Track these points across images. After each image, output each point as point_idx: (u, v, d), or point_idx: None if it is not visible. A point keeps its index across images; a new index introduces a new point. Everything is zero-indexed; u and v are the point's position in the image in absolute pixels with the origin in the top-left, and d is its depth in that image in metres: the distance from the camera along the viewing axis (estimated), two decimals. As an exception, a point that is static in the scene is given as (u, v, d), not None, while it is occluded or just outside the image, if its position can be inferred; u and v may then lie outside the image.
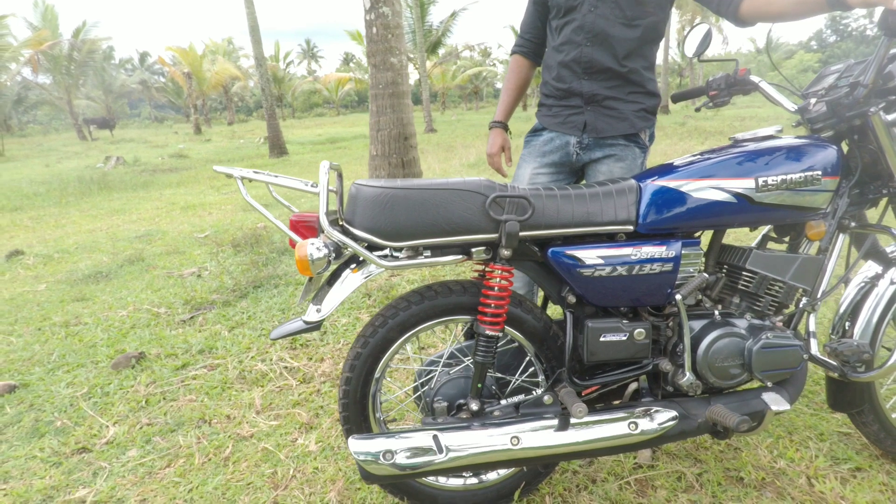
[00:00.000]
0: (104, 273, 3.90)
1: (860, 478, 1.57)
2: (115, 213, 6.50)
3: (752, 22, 1.50)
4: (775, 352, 1.31)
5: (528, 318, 1.39)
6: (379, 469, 1.23)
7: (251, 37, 11.97)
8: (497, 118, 1.93)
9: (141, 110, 62.32)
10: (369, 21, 3.53)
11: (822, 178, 1.30)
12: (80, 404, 2.14)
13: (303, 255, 1.14)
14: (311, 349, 2.52)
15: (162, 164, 12.15)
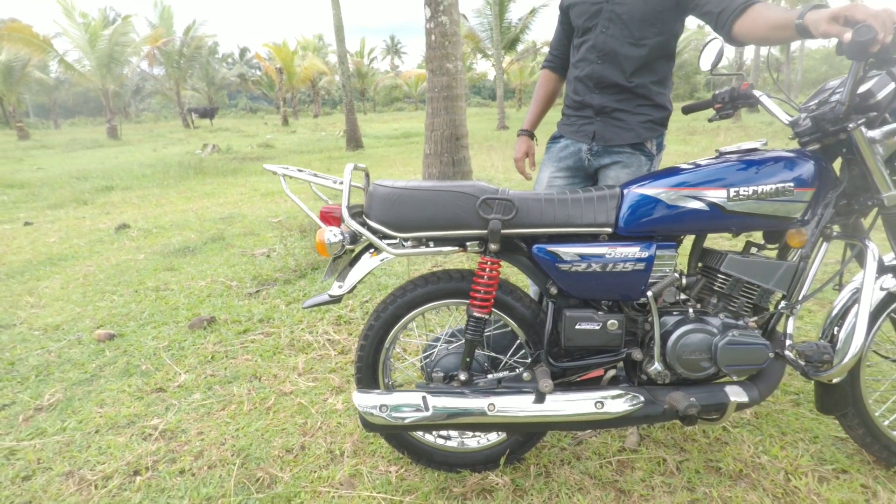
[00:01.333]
0: (191, 248, 4.46)
1: (842, 479, 1.63)
2: (206, 196, 7.25)
3: (744, 43, 1.58)
4: (740, 349, 1.42)
5: (517, 306, 1.58)
6: (375, 419, 1.48)
7: (336, 36, 12.67)
8: (524, 126, 2.16)
9: (238, 101, 66.86)
10: (429, 29, 3.79)
11: (795, 190, 1.39)
12: (161, 354, 2.57)
13: (321, 239, 1.42)
14: (352, 326, 2.83)
15: (250, 153, 13.17)
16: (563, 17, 1.97)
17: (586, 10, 1.81)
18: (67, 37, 19.50)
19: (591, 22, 1.81)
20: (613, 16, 1.75)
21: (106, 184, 8.35)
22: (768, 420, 1.92)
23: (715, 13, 1.59)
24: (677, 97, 37.63)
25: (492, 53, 20.69)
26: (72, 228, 5.48)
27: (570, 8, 1.89)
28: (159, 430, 1.99)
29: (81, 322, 3.01)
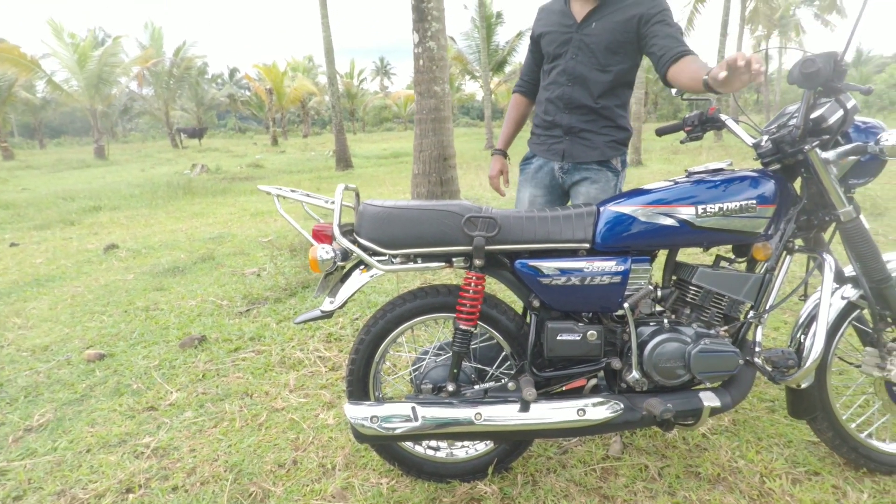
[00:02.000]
0: (180, 268, 4.48)
1: (813, 480, 1.70)
2: (195, 216, 7.28)
3: (674, 87, 1.76)
4: (711, 356, 1.50)
5: (502, 319, 1.65)
6: (366, 430, 1.53)
7: (326, 57, 12.86)
8: (498, 146, 2.26)
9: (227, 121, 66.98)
10: (417, 54, 3.92)
11: (757, 207, 1.49)
12: (152, 373, 2.60)
13: (314, 256, 1.48)
14: (343, 342, 2.88)
15: (240, 173, 13.22)
16: (534, 46, 2.12)
17: (557, 39, 1.97)
18: (56, 57, 19.54)
19: (561, 49, 1.96)
20: (582, 45, 1.91)
21: (93, 204, 8.34)
22: (745, 426, 2.00)
23: (657, 56, 1.78)
24: (662, 117, 38.40)
25: (480, 75, 21.06)
26: (59, 249, 5.47)
27: (541, 37, 2.04)
28: (151, 448, 2.01)
29: (70, 343, 3.02)
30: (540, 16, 2.09)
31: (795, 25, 24.39)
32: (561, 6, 1.99)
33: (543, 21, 2.05)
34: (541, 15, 2.09)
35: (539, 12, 2.11)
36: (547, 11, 2.06)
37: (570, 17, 1.94)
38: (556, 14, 2.00)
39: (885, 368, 1.65)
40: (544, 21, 2.05)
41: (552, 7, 2.05)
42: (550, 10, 2.05)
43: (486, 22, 19.95)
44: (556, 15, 2.00)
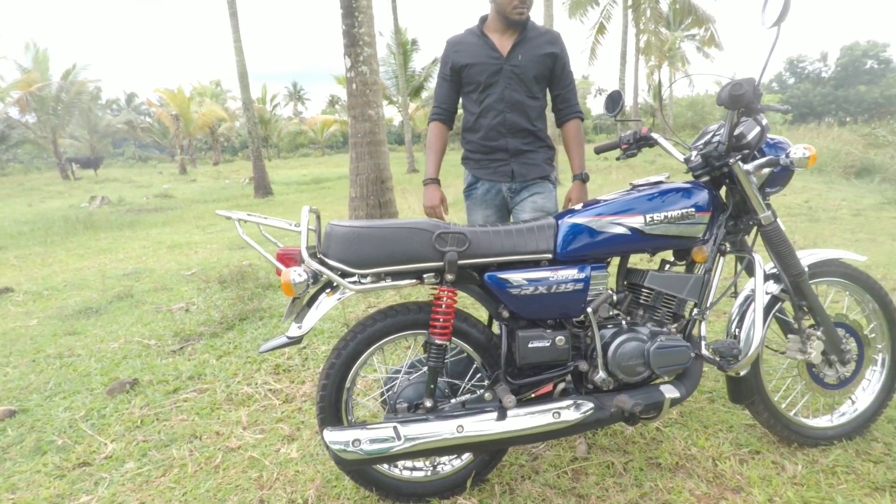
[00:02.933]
0: (94, 309, 4.11)
1: (757, 458, 1.88)
2: (103, 252, 6.70)
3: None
4: (668, 351, 1.63)
5: (473, 332, 1.69)
6: (349, 455, 1.49)
7: (240, 83, 12.49)
8: (430, 175, 2.28)
9: (125, 150, 62.54)
10: (350, 78, 3.94)
11: (696, 214, 1.65)
12: (79, 425, 2.35)
13: (287, 279, 1.45)
14: (293, 373, 2.77)
15: (147, 204, 12.37)
16: (453, 75, 2.19)
17: (487, 69, 2.11)
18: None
19: (493, 78, 2.11)
20: (513, 75, 2.09)
21: (-26, 245, 7.44)
22: (692, 417, 2.16)
23: (559, 105, 2.22)
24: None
25: (397, 100, 21.32)
26: (-60, 297, 4.81)
27: (466, 67, 2.13)
28: (92, 506, 1.82)
29: (-29, 400, 2.66)
30: (457, 48, 2.17)
31: (682, 57, 27.08)
32: (478, 38, 2.13)
33: (465, 53, 2.14)
34: (458, 47, 2.17)
35: (454, 45, 2.18)
36: (465, 44, 2.16)
37: (495, 50, 2.10)
38: (477, 46, 2.13)
39: (806, 352, 1.86)
40: (466, 53, 2.14)
41: (468, 40, 2.16)
42: (468, 42, 2.16)
43: (402, 48, 20.32)
44: (477, 47, 2.13)
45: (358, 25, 3.96)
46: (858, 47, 46.19)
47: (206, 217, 9.89)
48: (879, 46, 45.96)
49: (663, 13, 20.95)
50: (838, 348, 1.91)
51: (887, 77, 44.40)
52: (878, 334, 2.04)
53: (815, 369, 1.95)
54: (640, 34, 19.98)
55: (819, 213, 6.70)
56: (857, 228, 5.76)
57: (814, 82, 47.56)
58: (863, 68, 45.96)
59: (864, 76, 45.43)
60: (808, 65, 49.84)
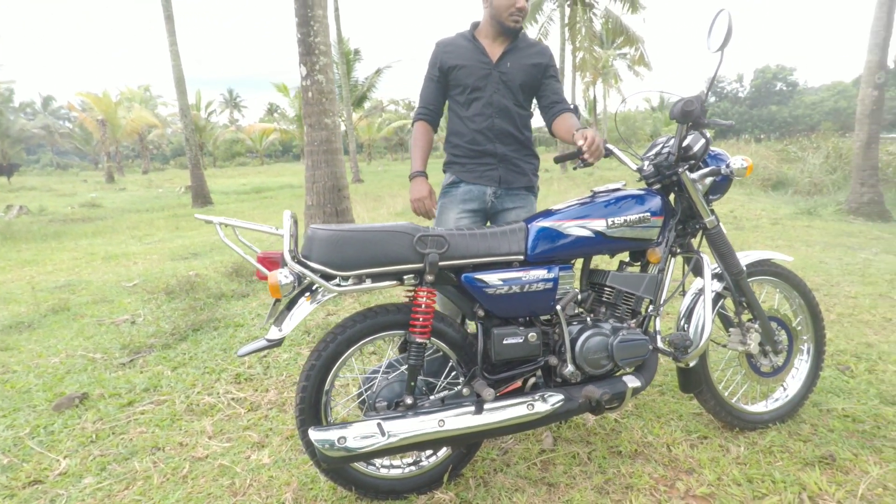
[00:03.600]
0: (26, 323, 3.84)
1: (705, 443, 2.05)
2: (27, 263, 6.24)
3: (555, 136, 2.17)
4: (629, 345, 1.77)
5: (449, 331, 1.76)
6: (335, 452, 1.52)
7: (176, 88, 12.03)
8: (417, 168, 2.21)
9: (40, 156, 58.29)
10: (305, 87, 3.93)
11: (651, 218, 1.82)
12: (26, 443, 2.21)
13: (274, 281, 1.47)
14: (255, 382, 2.73)
15: (73, 214, 11.60)
16: (440, 76, 2.20)
17: (476, 73, 2.11)
18: None
19: (481, 82, 2.12)
20: (501, 81, 2.12)
21: None
22: (646, 409, 2.32)
23: (547, 107, 2.19)
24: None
25: (341, 109, 21.16)
26: None
27: (455, 69, 2.14)
28: (50, 524, 1.73)
29: None
30: (447, 49, 2.18)
31: (614, 74, 28.62)
32: (469, 42, 2.15)
33: (454, 55, 2.15)
34: (448, 49, 2.18)
35: (444, 46, 2.20)
36: (455, 46, 2.18)
37: (485, 55, 2.12)
38: (467, 49, 2.14)
39: (746, 343, 2.07)
40: (455, 55, 2.15)
41: (459, 42, 2.18)
42: (458, 44, 2.17)
43: (345, 58, 20.23)
44: (467, 50, 2.14)
45: (314, 34, 3.98)
46: (769, 70, 50.35)
47: (140, 227, 9.41)
48: (787, 70, 50.33)
49: (597, 32, 22.12)
50: (772, 340, 2.13)
51: (794, 99, 48.70)
52: (804, 327, 2.28)
53: (753, 359, 2.16)
54: (575, 51, 20.92)
55: (743, 223, 7.28)
56: (777, 236, 6.32)
57: (732, 101, 51.33)
58: (773, 90, 50.11)
59: (775, 97, 49.56)
60: (727, 85, 53.80)
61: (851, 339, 3.03)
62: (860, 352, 2.84)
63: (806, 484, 1.78)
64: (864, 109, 8.12)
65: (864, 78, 8.14)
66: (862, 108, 8.17)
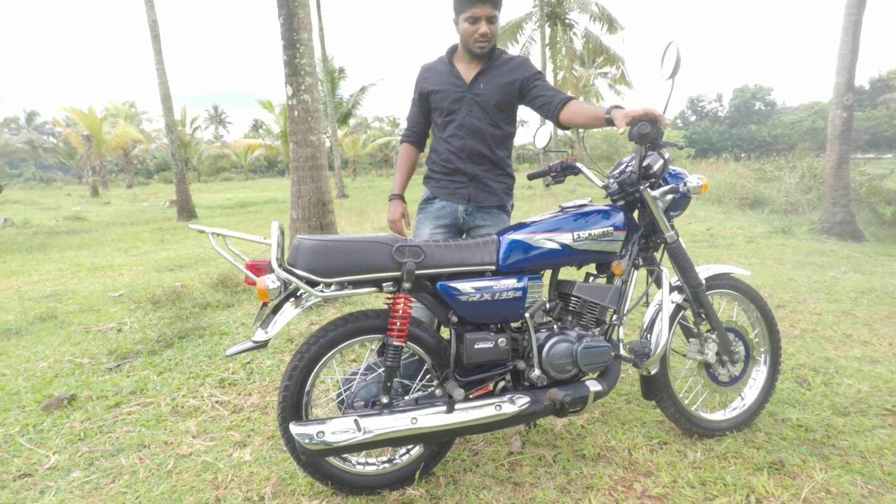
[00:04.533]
0: (14, 330, 3.88)
1: (665, 448, 2.18)
2: (13, 274, 6.25)
3: (569, 127, 2.16)
4: (592, 351, 1.91)
5: (425, 336, 1.89)
6: (313, 446, 1.63)
7: (163, 105, 12.14)
8: (395, 192, 2.43)
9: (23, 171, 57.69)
10: (291, 105, 4.09)
11: (614, 233, 1.97)
12: (16, 440, 2.28)
13: (262, 286, 1.59)
14: (239, 387, 2.81)
15: (58, 227, 11.55)
16: (421, 100, 2.35)
17: (450, 96, 2.24)
18: None
19: (455, 105, 2.24)
20: (474, 103, 2.22)
21: None
22: (611, 416, 2.46)
23: (545, 105, 2.16)
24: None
25: (326, 125, 21.37)
26: None
27: (432, 93, 2.29)
28: (38, 516, 1.80)
29: None
30: (426, 75, 2.33)
31: (596, 93, 29.28)
32: (447, 67, 2.28)
33: (432, 80, 2.30)
34: (427, 74, 2.34)
35: (424, 71, 2.35)
36: (433, 71, 2.32)
37: (459, 78, 2.24)
38: (444, 74, 2.28)
39: (704, 353, 2.22)
40: (433, 80, 2.30)
41: (437, 67, 2.32)
42: (436, 69, 2.31)
43: (329, 76, 20.50)
44: (444, 75, 2.28)
45: (299, 56, 4.15)
46: (748, 90, 51.59)
47: (125, 239, 9.42)
48: (765, 90, 51.59)
49: (577, 52, 22.76)
50: (729, 350, 2.28)
51: (773, 118, 49.87)
52: (761, 338, 2.43)
53: (711, 368, 2.31)
54: (556, 70, 21.46)
55: (719, 240, 7.51)
56: (750, 254, 6.54)
57: (712, 120, 52.43)
58: (752, 109, 51.28)
59: (754, 116, 50.71)
60: (707, 104, 55.05)
61: (812, 353, 3.19)
62: (819, 366, 3.00)
63: (755, 487, 1.91)
64: (834, 130, 8.37)
65: (833, 100, 8.39)
66: (832, 129, 8.40)
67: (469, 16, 2.10)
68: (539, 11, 19.88)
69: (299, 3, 4.10)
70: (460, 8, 2.12)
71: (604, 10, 20.33)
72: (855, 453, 2.11)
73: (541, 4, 19.54)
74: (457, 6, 2.13)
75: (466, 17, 2.11)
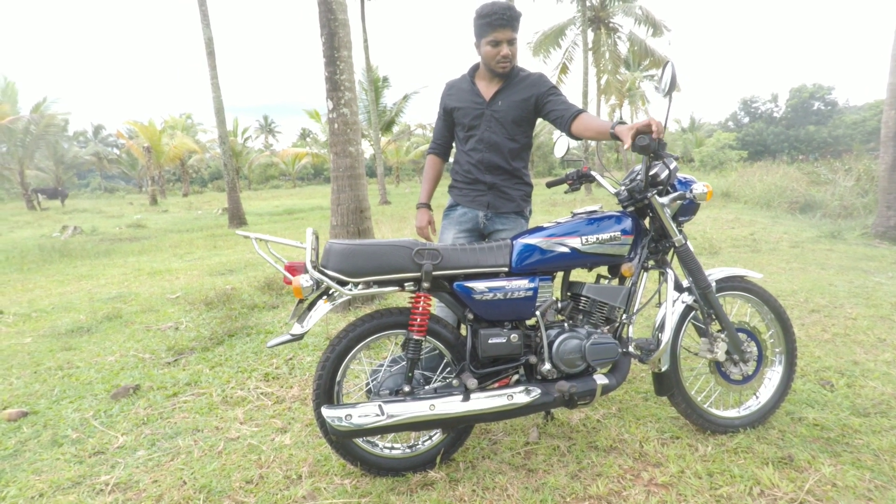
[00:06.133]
0: (85, 328, 4.32)
1: (675, 442, 2.28)
2: (83, 278, 6.84)
3: (579, 138, 2.31)
4: (599, 347, 2.04)
5: (444, 332, 2.07)
6: (342, 427, 1.84)
7: (217, 117, 12.85)
8: (422, 201, 2.66)
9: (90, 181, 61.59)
10: (332, 118, 4.38)
11: (622, 237, 2.10)
12: (91, 422, 2.61)
13: (297, 284, 1.82)
14: (281, 380, 3.08)
15: (121, 234, 12.43)
16: (446, 115, 2.56)
17: (471, 113, 2.44)
18: None
19: (475, 121, 2.44)
20: (493, 119, 2.41)
21: (-50, 271, 7.46)
22: (627, 411, 2.56)
23: (559, 117, 2.32)
24: (538, 174, 42.03)
25: (369, 134, 21.95)
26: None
27: (454, 110, 2.50)
28: (111, 485, 2.09)
29: (-21, 406, 2.87)
30: (451, 92, 2.54)
31: (641, 96, 28.80)
32: (469, 85, 2.48)
33: (455, 97, 2.51)
34: (451, 91, 2.54)
35: (449, 88, 2.56)
36: (457, 88, 2.52)
37: (479, 96, 2.43)
38: (465, 92, 2.48)
39: (713, 351, 2.30)
40: (455, 97, 2.50)
41: (460, 85, 2.52)
42: (459, 87, 2.51)
43: (373, 85, 21.06)
44: (465, 93, 2.48)
45: (339, 73, 4.43)
46: (806, 90, 49.18)
47: (182, 246, 10.05)
48: (825, 89, 49.03)
49: (622, 55, 22.44)
50: (739, 349, 2.35)
51: (833, 118, 47.32)
52: (775, 339, 2.49)
53: (722, 367, 2.39)
54: (600, 74, 21.27)
55: (761, 245, 7.34)
56: (793, 259, 6.38)
57: (767, 121, 50.16)
58: (811, 109, 48.77)
59: (813, 117, 48.20)
60: (761, 105, 52.77)
61: (840, 356, 3.17)
62: (845, 368, 2.99)
63: (760, 479, 1.99)
64: (888, 132, 8.06)
65: (887, 101, 8.09)
66: (886, 130, 8.10)
67: (491, 40, 2.29)
68: (581, 16, 19.81)
69: (339, 23, 4.38)
70: (481, 33, 2.31)
71: (648, 13, 20.03)
72: (868, 451, 2.14)
73: (583, 9, 19.47)
74: (478, 32, 2.33)
75: (488, 41, 2.30)
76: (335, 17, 4.31)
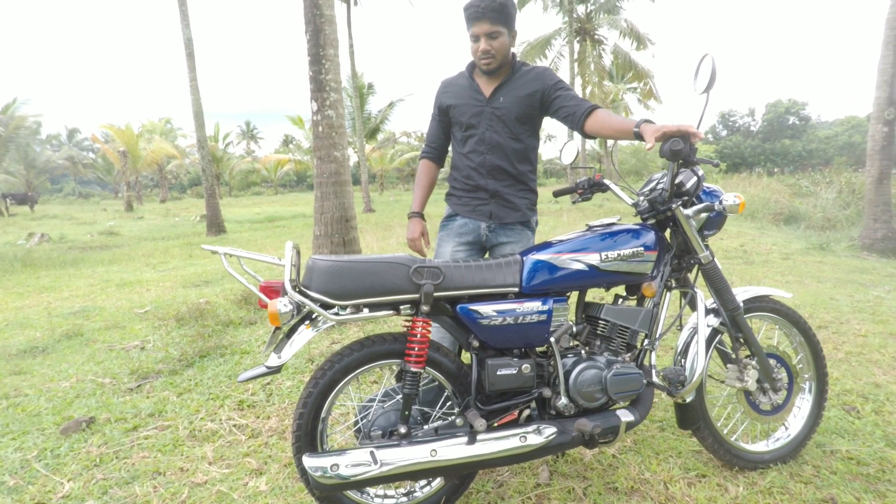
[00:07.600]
0: (40, 348, 3.93)
1: (703, 481, 2.03)
2: (45, 290, 6.39)
3: (594, 137, 2.06)
4: (623, 378, 1.79)
5: (445, 361, 1.80)
6: (327, 480, 1.54)
7: (195, 121, 12.42)
8: (415, 209, 2.36)
9: (63, 186, 60.00)
10: (316, 121, 4.09)
11: (645, 253, 1.85)
12: (32, 465, 2.26)
13: (274, 310, 1.53)
14: (258, 409, 2.76)
15: (92, 242, 11.88)
16: (441, 115, 2.30)
17: (469, 110, 2.18)
18: None
19: (475, 120, 2.17)
20: (494, 117, 2.15)
21: None
22: (644, 444, 2.31)
23: (570, 114, 2.06)
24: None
25: (353, 141, 21.63)
26: None
27: (451, 108, 2.23)
28: (50, 546, 1.76)
29: None
30: (446, 89, 2.29)
31: (625, 108, 28.95)
32: (467, 81, 2.23)
33: (452, 94, 2.25)
34: (447, 88, 2.29)
35: (445, 86, 2.30)
36: (453, 85, 2.27)
37: (478, 92, 2.18)
38: (463, 88, 2.23)
39: (743, 380, 2.07)
40: (452, 94, 2.25)
41: (457, 81, 2.27)
42: (456, 84, 2.26)
43: (358, 92, 20.78)
44: (463, 89, 2.22)
45: (325, 72, 4.15)
46: (781, 104, 50.52)
47: (155, 255, 9.60)
48: (799, 104, 50.45)
49: (606, 67, 22.66)
50: (770, 377, 2.13)
51: (808, 133, 48.65)
52: (805, 364, 2.27)
53: (751, 396, 2.16)
54: (585, 85, 21.44)
55: (753, 257, 7.23)
56: (787, 271, 6.26)
57: (744, 135, 51.39)
58: (786, 124, 50.14)
59: (788, 131, 49.55)
60: (739, 118, 54.10)
61: (859, 378, 2.98)
62: (868, 392, 2.80)
63: (805, 525, 1.76)
64: (874, 145, 8.17)
65: (873, 114, 8.21)
66: (872, 143, 8.22)
67: (471, 34, 2.08)
68: (568, 28, 19.90)
69: (325, 19, 4.11)
70: (467, 27, 2.10)
71: (633, 26, 20.21)
72: (916, 492, 1.92)
73: (570, 21, 19.55)
74: (466, 25, 2.11)
75: (470, 35, 2.10)
76: (321, 13, 4.04)
